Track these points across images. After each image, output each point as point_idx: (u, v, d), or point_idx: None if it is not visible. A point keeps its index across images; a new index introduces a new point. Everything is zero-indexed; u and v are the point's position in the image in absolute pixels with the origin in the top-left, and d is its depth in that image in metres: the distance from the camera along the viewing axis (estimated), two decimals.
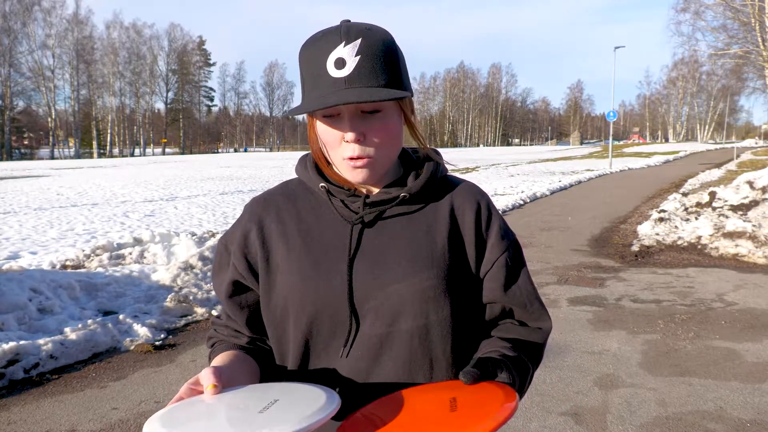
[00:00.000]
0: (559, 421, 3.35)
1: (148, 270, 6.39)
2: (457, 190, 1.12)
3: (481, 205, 1.11)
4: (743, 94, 52.97)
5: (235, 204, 14.23)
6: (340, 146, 1.01)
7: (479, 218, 1.09)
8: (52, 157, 62.75)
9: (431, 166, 1.10)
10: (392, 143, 1.03)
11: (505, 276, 1.08)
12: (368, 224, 1.06)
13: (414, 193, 1.07)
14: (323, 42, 0.98)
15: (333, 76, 0.96)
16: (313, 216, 1.09)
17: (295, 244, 1.07)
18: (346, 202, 1.08)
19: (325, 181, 1.08)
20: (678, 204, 10.83)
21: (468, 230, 1.08)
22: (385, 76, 0.97)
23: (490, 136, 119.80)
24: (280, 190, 1.16)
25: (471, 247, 1.08)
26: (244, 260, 1.10)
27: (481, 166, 31.80)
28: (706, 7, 32.67)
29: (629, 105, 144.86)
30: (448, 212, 1.09)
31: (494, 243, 1.09)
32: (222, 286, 1.14)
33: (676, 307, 5.62)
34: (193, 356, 4.52)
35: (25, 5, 62.31)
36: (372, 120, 1.00)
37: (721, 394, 3.70)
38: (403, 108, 1.05)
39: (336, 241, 1.05)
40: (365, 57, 0.96)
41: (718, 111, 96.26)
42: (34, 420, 3.48)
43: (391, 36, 1.02)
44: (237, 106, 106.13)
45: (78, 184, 20.86)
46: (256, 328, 1.13)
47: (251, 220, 1.12)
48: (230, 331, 1.14)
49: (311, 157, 1.12)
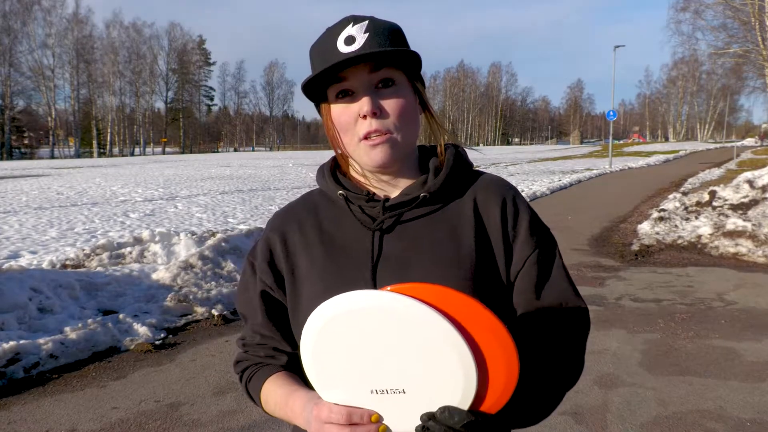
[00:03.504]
0: (559, 420, 3.35)
1: (148, 269, 6.39)
2: (481, 183, 1.07)
3: (506, 199, 1.05)
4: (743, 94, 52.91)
5: (235, 203, 14.23)
6: (356, 126, 0.99)
7: (505, 214, 1.04)
8: (52, 157, 62.72)
9: (451, 161, 1.06)
10: (409, 119, 1.00)
11: (537, 275, 1.02)
12: (388, 229, 1.04)
13: (434, 192, 1.03)
14: (332, 28, 1.00)
15: (343, 51, 0.96)
16: (334, 225, 1.07)
17: (317, 254, 1.06)
18: (364, 207, 1.05)
19: (342, 189, 1.06)
20: (678, 203, 10.82)
21: (494, 229, 1.03)
22: (393, 46, 0.99)
23: (490, 135, 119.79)
24: (301, 201, 1.15)
25: (498, 245, 1.03)
26: (270, 273, 1.09)
27: (481, 165, 31.72)
28: (706, 7, 32.65)
29: (629, 104, 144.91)
30: (471, 209, 1.04)
31: (524, 239, 1.03)
32: (252, 303, 1.11)
33: (676, 307, 5.62)
34: (193, 355, 4.52)
35: (25, 4, 62.30)
36: (386, 93, 0.99)
37: (720, 393, 3.70)
38: (420, 90, 1.04)
39: (358, 248, 1.03)
40: (373, 34, 0.97)
41: (718, 110, 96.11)
42: (34, 419, 3.48)
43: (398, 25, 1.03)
44: (237, 106, 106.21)
45: (78, 184, 20.86)
46: (292, 344, 1.09)
47: (274, 232, 1.11)
48: (267, 350, 1.10)
49: (328, 166, 1.11)
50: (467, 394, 0.85)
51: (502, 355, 0.86)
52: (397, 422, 0.89)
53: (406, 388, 0.87)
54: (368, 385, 0.89)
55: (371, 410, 0.88)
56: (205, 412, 3.54)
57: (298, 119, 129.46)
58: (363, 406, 0.89)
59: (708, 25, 33.07)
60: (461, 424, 0.84)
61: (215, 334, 5.03)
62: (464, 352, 0.85)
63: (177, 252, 7.17)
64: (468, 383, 0.85)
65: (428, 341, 0.85)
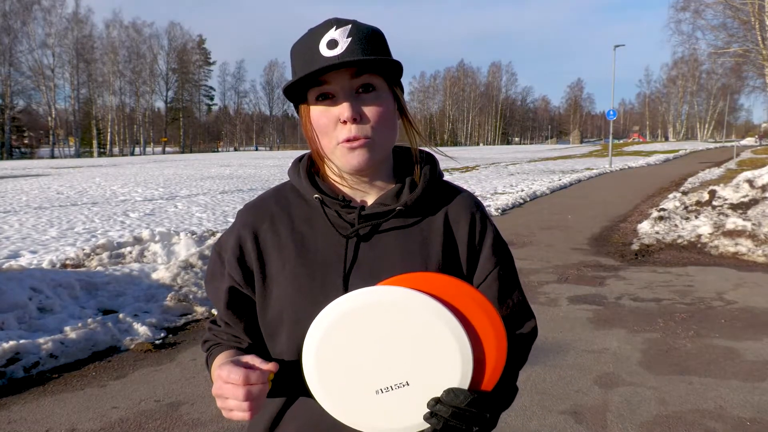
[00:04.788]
0: (559, 419, 3.36)
1: (148, 269, 6.39)
2: (452, 199, 1.12)
3: (475, 217, 1.11)
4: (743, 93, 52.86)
5: (235, 203, 14.23)
6: (335, 130, 1.00)
7: (473, 230, 1.10)
8: (52, 156, 62.69)
9: (427, 175, 1.09)
10: (388, 124, 1.02)
11: (498, 288, 1.10)
12: (363, 237, 1.06)
13: (409, 206, 1.07)
14: (314, 30, 1.01)
15: (326, 55, 0.97)
16: (307, 226, 1.08)
17: (289, 255, 1.06)
18: (340, 213, 1.07)
19: (318, 191, 1.07)
20: (678, 203, 10.82)
21: (462, 242, 1.09)
22: (375, 53, 1.00)
23: (490, 134, 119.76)
24: (273, 195, 1.15)
25: (464, 258, 1.09)
26: (239, 269, 1.09)
27: (480, 164, 31.78)
28: (705, 6, 32.64)
29: (629, 104, 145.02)
30: (442, 224, 1.09)
31: (487, 255, 1.10)
32: (219, 294, 1.13)
33: (676, 306, 5.62)
34: (193, 355, 4.52)
35: (25, 4, 62.23)
36: (366, 99, 1.00)
37: (720, 392, 3.70)
38: (398, 96, 1.06)
39: (331, 253, 1.05)
40: (356, 38, 0.98)
41: (718, 110, 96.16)
42: (34, 419, 3.48)
43: (380, 30, 1.05)
44: (237, 105, 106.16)
45: (78, 183, 20.85)
46: (255, 335, 1.12)
47: (245, 228, 1.11)
48: (229, 336, 1.14)
49: (304, 164, 1.12)
50: (465, 373, 0.91)
51: (491, 330, 0.91)
52: (406, 417, 0.92)
53: (409, 380, 0.91)
54: (373, 386, 0.91)
55: (270, 368, 0.92)
56: (205, 412, 3.54)
57: (298, 119, 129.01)
58: (371, 409, 0.92)
59: (708, 24, 33.08)
60: (466, 402, 0.91)
61: None
62: (458, 331, 0.89)
63: (177, 251, 7.17)
64: (465, 362, 0.90)
65: (423, 325, 0.90)
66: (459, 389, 0.91)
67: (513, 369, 1.07)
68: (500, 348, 0.92)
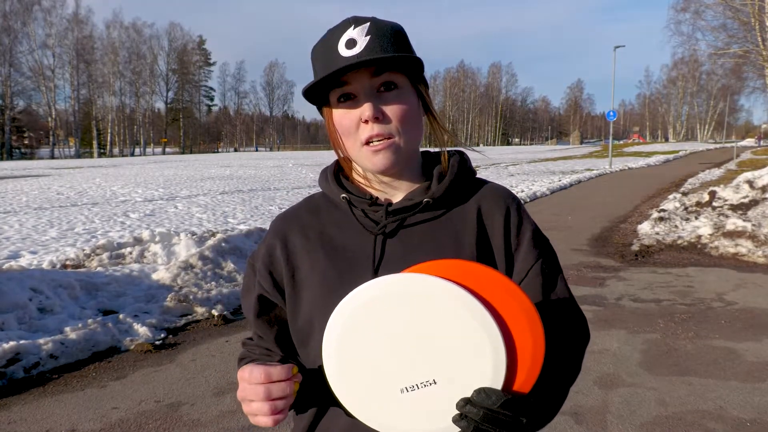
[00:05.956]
0: (558, 420, 3.35)
1: (148, 269, 6.39)
2: (485, 192, 1.07)
3: (510, 209, 1.05)
4: (743, 94, 52.93)
5: (235, 203, 14.23)
6: (357, 130, 0.98)
7: (508, 223, 1.04)
8: (52, 157, 62.71)
9: (455, 168, 1.06)
10: (412, 123, 1.00)
11: (542, 284, 1.02)
12: (392, 233, 1.03)
13: (438, 198, 1.03)
14: (333, 30, 0.99)
15: (344, 55, 0.96)
16: (336, 228, 1.07)
17: (319, 257, 1.05)
18: (367, 211, 1.05)
19: (345, 192, 1.06)
20: (678, 203, 10.82)
21: (497, 237, 1.03)
22: (395, 50, 0.98)
23: (490, 135, 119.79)
24: (304, 204, 1.14)
25: (500, 252, 1.03)
26: (269, 276, 1.09)
27: (481, 165, 31.78)
28: (705, 7, 32.63)
29: (629, 104, 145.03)
30: (475, 217, 1.04)
31: (527, 249, 1.03)
32: (249, 304, 1.12)
33: (676, 307, 5.62)
34: (194, 356, 4.52)
35: (25, 5, 62.29)
36: (388, 97, 0.98)
37: (720, 393, 3.70)
38: (423, 93, 1.03)
39: (359, 252, 1.03)
40: (375, 36, 0.96)
41: (718, 110, 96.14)
42: (35, 419, 3.48)
43: (400, 25, 1.02)
44: (237, 106, 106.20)
45: (78, 184, 20.85)
46: (286, 346, 1.10)
47: (275, 236, 1.10)
48: (262, 350, 1.12)
49: (331, 169, 1.11)
50: (498, 372, 0.83)
51: (527, 325, 0.83)
52: (433, 418, 0.86)
53: (436, 378, 0.84)
54: (397, 384, 0.86)
55: (291, 364, 0.91)
56: (205, 412, 3.54)
57: (298, 119, 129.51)
58: (395, 408, 0.86)
59: (708, 25, 33.05)
60: (499, 404, 0.82)
61: (215, 334, 5.03)
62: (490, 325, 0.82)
63: (177, 252, 7.17)
64: (498, 360, 0.82)
65: (451, 317, 0.83)
66: (491, 389, 0.82)
67: (558, 375, 0.99)
68: (537, 345, 0.84)
